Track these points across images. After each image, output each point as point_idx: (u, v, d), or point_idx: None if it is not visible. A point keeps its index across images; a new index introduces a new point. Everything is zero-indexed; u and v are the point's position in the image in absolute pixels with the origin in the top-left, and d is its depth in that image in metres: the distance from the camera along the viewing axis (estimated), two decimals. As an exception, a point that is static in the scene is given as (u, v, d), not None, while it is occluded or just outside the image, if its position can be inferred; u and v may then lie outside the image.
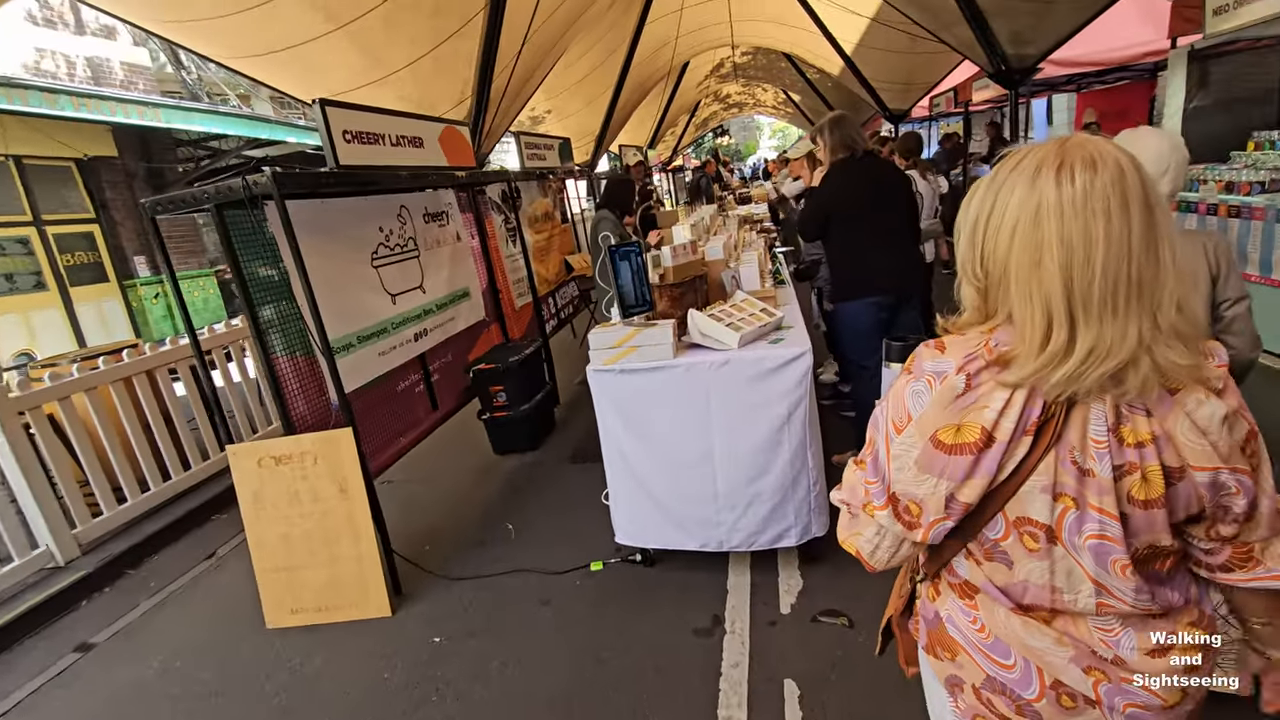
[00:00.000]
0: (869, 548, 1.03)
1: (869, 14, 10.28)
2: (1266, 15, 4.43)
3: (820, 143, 3.25)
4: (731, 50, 14.63)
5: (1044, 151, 0.87)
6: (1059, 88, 10.16)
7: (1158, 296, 0.83)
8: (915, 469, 0.94)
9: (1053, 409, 0.88)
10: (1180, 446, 0.85)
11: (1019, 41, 7.08)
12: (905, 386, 0.98)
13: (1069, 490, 0.89)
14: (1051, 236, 0.83)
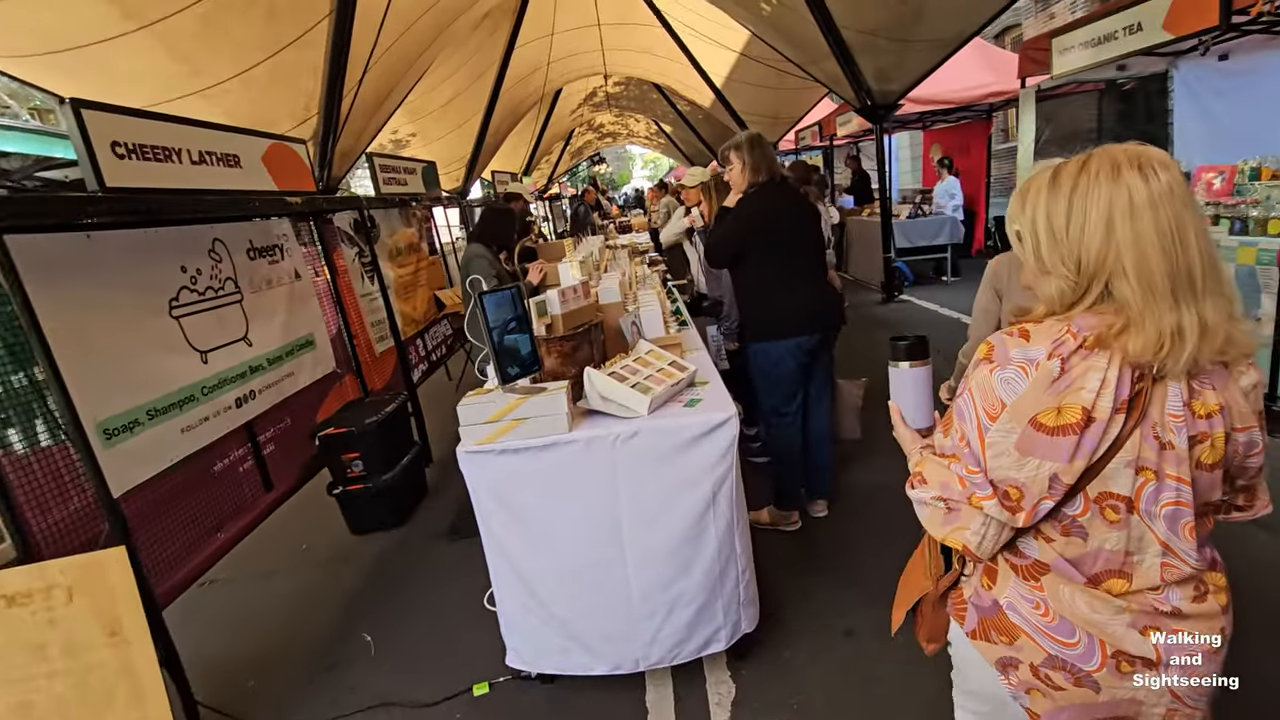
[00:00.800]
0: (976, 539, 1.04)
1: (738, 48, 10.37)
2: (1102, 59, 4.65)
3: (735, 162, 2.85)
4: (604, 79, 14.44)
5: (1111, 155, 0.94)
6: (908, 125, 10.73)
7: (1225, 280, 0.92)
8: (1016, 454, 0.97)
9: (1139, 386, 0.94)
10: (1235, 412, 0.96)
11: (883, 78, 7.26)
12: (993, 375, 1.00)
13: (1150, 464, 0.95)
14: (1148, 226, 0.89)
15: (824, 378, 3.05)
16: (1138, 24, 4.20)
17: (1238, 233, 3.84)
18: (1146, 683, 1.00)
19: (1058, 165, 0.99)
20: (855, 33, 6.61)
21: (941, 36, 6.47)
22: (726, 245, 2.88)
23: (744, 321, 2.98)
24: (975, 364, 1.04)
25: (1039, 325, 1.00)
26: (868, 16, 6.39)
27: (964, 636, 1.14)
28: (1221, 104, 5.66)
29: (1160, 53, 5.67)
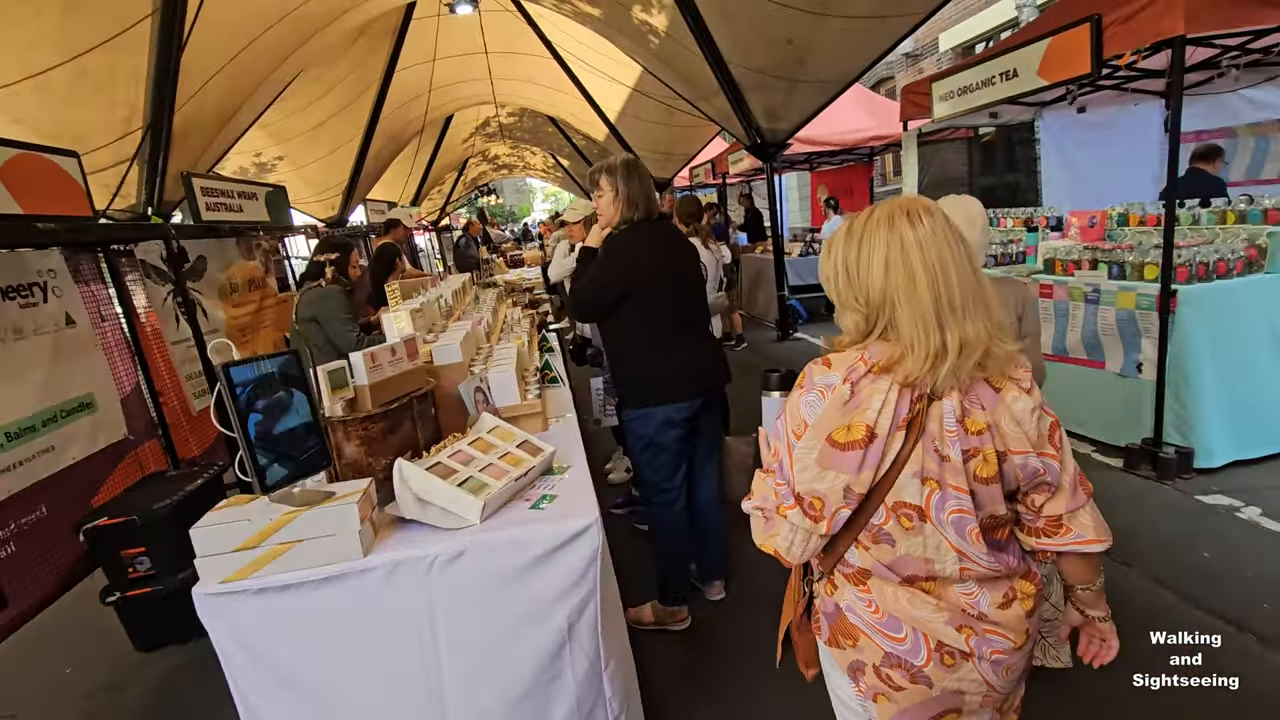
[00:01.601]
0: (785, 544, 1.11)
1: (630, 83, 10.16)
2: (980, 104, 4.63)
3: (606, 189, 2.35)
4: (496, 109, 13.90)
5: (888, 207, 1.08)
6: (796, 166, 10.88)
7: (988, 303, 1.05)
8: (817, 467, 1.06)
9: (917, 406, 1.04)
10: (1004, 434, 1.06)
11: (772, 117, 7.18)
12: (800, 398, 1.11)
13: (933, 474, 1.05)
14: (917, 264, 1.03)
15: (711, 441, 2.60)
16: (1013, 70, 4.19)
17: (1116, 277, 3.81)
18: (965, 673, 1.09)
19: (853, 217, 1.12)
20: (744, 70, 6.47)
21: (826, 78, 6.45)
22: (595, 294, 2.35)
23: (616, 384, 2.49)
24: (794, 389, 1.14)
25: (841, 354, 1.10)
26: (756, 55, 6.27)
27: (826, 649, 1.22)
28: (1083, 154, 5.89)
29: (1027, 102, 5.84)
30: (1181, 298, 3.41)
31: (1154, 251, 3.66)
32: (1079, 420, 4.15)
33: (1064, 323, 4.11)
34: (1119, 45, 3.52)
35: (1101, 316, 3.84)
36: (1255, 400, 3.55)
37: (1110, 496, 3.45)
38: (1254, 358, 3.52)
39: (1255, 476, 3.44)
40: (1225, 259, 3.47)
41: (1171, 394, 3.53)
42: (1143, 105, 5.83)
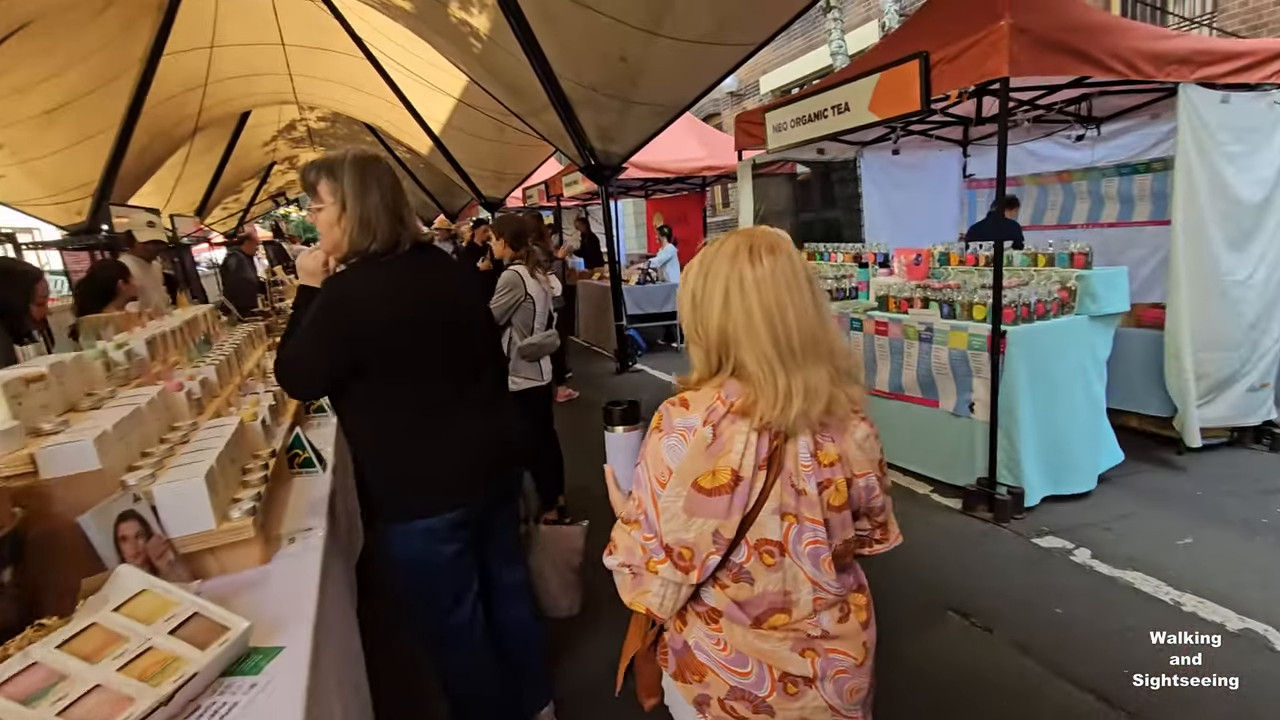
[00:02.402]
0: (658, 601, 1.07)
1: (456, 94, 9.31)
2: (812, 137, 4.51)
3: (326, 198, 1.56)
4: (301, 110, 12.26)
5: (737, 239, 1.04)
6: (631, 192, 10.66)
7: (833, 348, 1.04)
8: (684, 516, 1.02)
9: (775, 444, 1.02)
10: (852, 460, 1.08)
11: (605, 138, 6.75)
12: (660, 443, 1.04)
13: (791, 509, 1.04)
14: (755, 305, 0.99)
15: (511, 544, 1.95)
16: (845, 104, 4.08)
17: (947, 316, 3.75)
18: (809, 700, 1.10)
19: (708, 245, 1.08)
20: (575, 85, 5.97)
21: (660, 102, 6.16)
22: (304, 364, 1.57)
23: (362, 485, 1.70)
24: (650, 432, 1.09)
25: (697, 393, 1.07)
26: (587, 70, 5.80)
27: (671, 682, 1.19)
28: (898, 194, 6.11)
29: (849, 140, 5.95)
30: (1010, 338, 3.37)
31: (981, 291, 3.64)
32: (917, 459, 4.05)
33: (899, 360, 4.01)
34: (946, 84, 3.45)
35: (935, 355, 3.75)
36: (1070, 438, 3.61)
37: (957, 543, 3.30)
38: (1069, 396, 3.59)
39: (1075, 513, 3.47)
40: (1043, 300, 3.50)
41: (1003, 433, 3.48)
42: (945, 152, 6.18)
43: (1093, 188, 5.23)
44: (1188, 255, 3.63)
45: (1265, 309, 3.92)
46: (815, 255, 5.54)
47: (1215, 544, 3.10)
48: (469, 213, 14.74)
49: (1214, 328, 3.80)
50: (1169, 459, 4.06)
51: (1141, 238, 4.89)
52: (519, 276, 3.30)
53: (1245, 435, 4.19)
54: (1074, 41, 3.22)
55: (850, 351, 1.07)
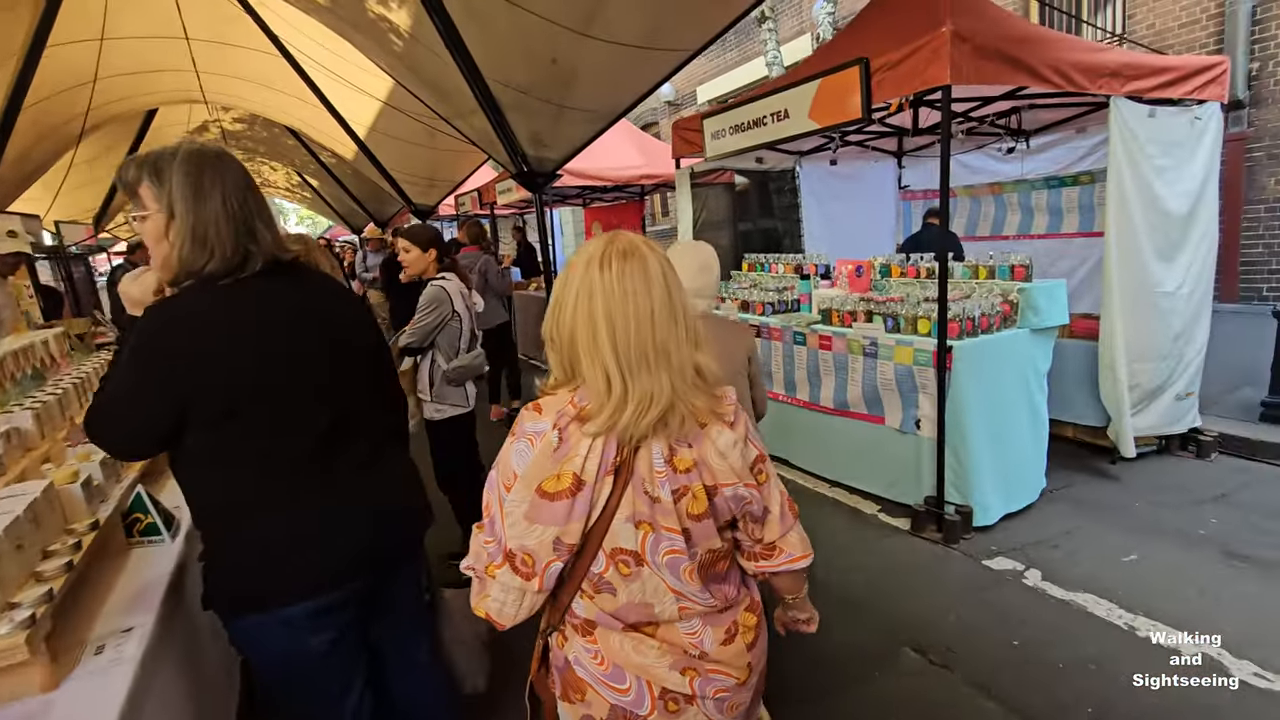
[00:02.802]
0: (496, 607, 1.04)
1: (382, 96, 8.80)
2: (751, 145, 4.35)
3: (153, 209, 1.21)
4: (213, 111, 11.42)
5: (596, 245, 1.02)
6: (570, 200, 10.35)
7: (680, 358, 1.00)
8: (525, 521, 0.99)
9: (625, 451, 1.00)
10: (712, 468, 1.03)
11: (538, 143, 6.42)
12: (510, 448, 1.02)
13: (645, 517, 1.01)
14: (599, 312, 0.97)
15: (411, 616, 1.62)
16: (784, 111, 3.92)
17: (892, 330, 3.62)
18: (689, 718, 1.07)
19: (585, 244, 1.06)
20: (504, 87, 5.63)
21: (594, 108, 5.89)
22: (119, 408, 1.22)
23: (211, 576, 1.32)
24: (508, 437, 1.05)
25: (553, 398, 1.04)
26: (516, 71, 5.48)
27: (561, 707, 1.15)
28: (837, 204, 6.04)
29: (788, 150, 5.84)
30: (956, 353, 3.25)
31: (925, 305, 3.52)
32: (864, 477, 3.90)
33: (844, 376, 3.85)
34: (887, 92, 3.32)
35: (880, 371, 3.61)
36: (1015, 453, 3.53)
37: (909, 569, 3.14)
38: (1014, 411, 3.51)
39: (1022, 531, 3.38)
40: (987, 314, 3.40)
41: (950, 451, 3.35)
42: (880, 163, 6.16)
43: (1023, 200, 5.28)
44: (1120, 267, 3.61)
45: (1190, 319, 3.97)
46: (756, 266, 5.38)
47: (1158, 560, 3.04)
48: (400, 221, 14.09)
49: (1145, 339, 3.81)
50: (1104, 469, 4.05)
51: (1070, 249, 4.94)
52: (445, 293, 2.95)
53: (1172, 443, 4.24)
54: (1013, 51, 3.14)
55: (706, 364, 1.04)
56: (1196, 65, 3.75)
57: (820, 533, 3.53)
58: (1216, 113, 3.86)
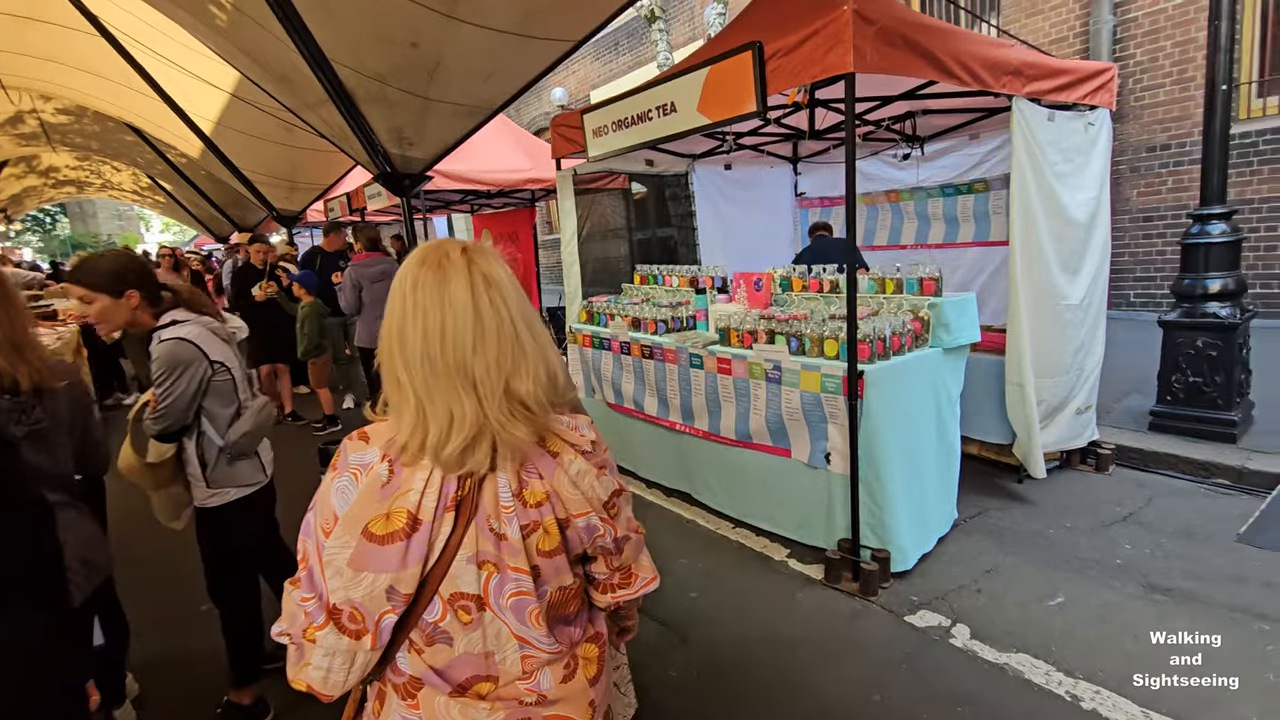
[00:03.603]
0: (320, 675, 0.88)
1: (227, 87, 7.62)
2: (636, 143, 3.81)
3: None
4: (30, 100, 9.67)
5: (415, 255, 0.93)
6: (454, 206, 9.47)
7: (490, 381, 0.87)
8: (351, 570, 0.86)
9: (468, 483, 0.89)
10: (565, 499, 0.95)
11: (402, 141, 5.58)
12: (330, 485, 0.90)
13: (490, 556, 0.90)
14: (399, 326, 0.88)
15: None
16: (671, 104, 3.41)
17: (796, 352, 3.16)
18: None
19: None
20: (356, 74, 4.80)
21: (466, 102, 5.17)
22: None
23: None
24: (328, 471, 0.93)
25: (383, 424, 0.93)
26: (369, 56, 4.66)
27: None
28: (732, 210, 5.62)
29: (680, 153, 5.36)
30: (867, 379, 2.83)
31: (831, 323, 3.08)
32: (770, 516, 3.43)
33: (746, 404, 3.37)
34: (783, 81, 2.86)
35: (785, 399, 3.14)
36: (930, 486, 3.16)
37: (826, 631, 2.65)
38: (928, 440, 3.14)
39: (941, 573, 3.00)
40: (898, 333, 3.01)
41: (864, 488, 2.93)
42: (776, 169, 5.82)
43: (919, 208, 5.06)
44: (1026, 279, 3.34)
45: (1089, 331, 3.80)
46: (648, 279, 4.84)
47: (1085, 602, 2.73)
48: (266, 229, 12.59)
49: (1051, 354, 3.58)
50: (1012, 489, 3.81)
51: (966, 259, 4.75)
52: (191, 347, 1.96)
53: (1073, 457, 4.07)
54: (920, 39, 2.75)
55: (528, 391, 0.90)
56: (1089, 70, 3.57)
57: (724, 586, 3.01)
58: (1107, 119, 3.71)
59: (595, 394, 4.57)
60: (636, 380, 4.10)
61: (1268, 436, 3.95)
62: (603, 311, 4.48)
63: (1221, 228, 3.91)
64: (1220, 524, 3.26)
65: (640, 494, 4.12)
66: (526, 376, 0.90)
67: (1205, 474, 3.81)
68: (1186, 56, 5.90)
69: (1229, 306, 3.90)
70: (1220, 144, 3.86)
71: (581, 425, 1.01)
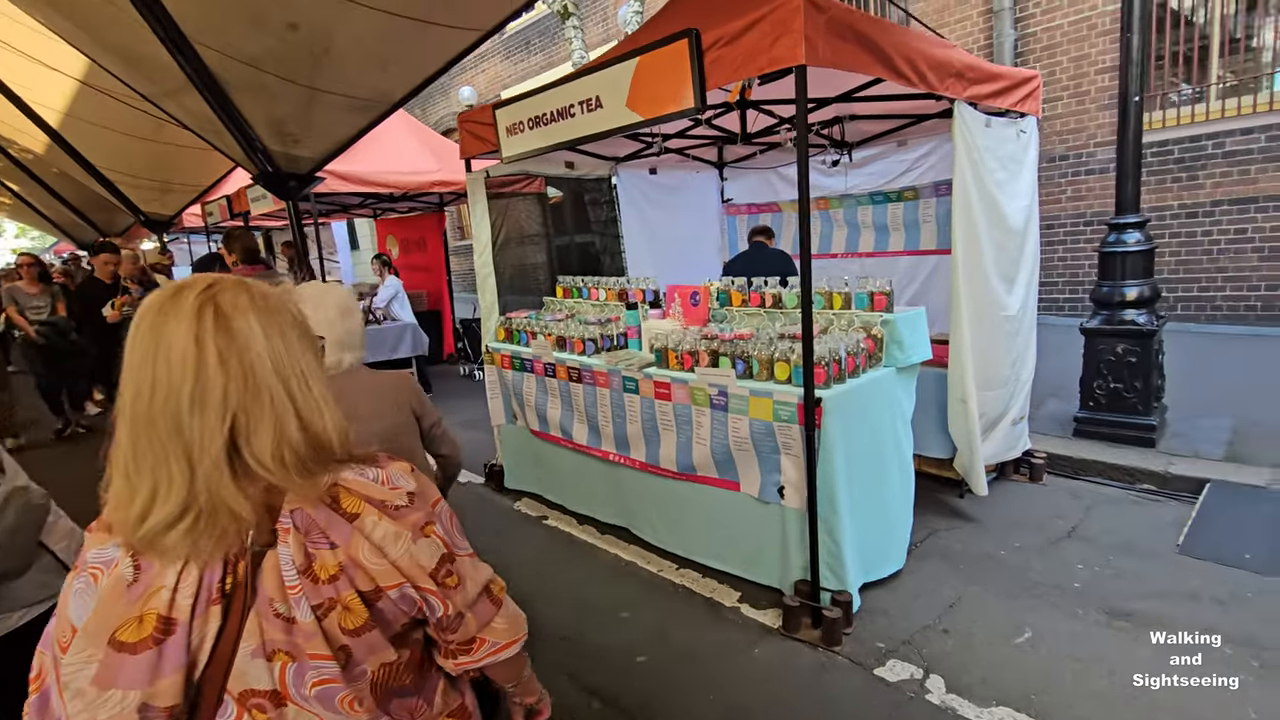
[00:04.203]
0: None
1: (76, 74, 6.51)
2: (557, 141, 3.37)
3: None
4: None
5: (152, 295, 0.79)
6: (354, 210, 8.61)
7: (201, 442, 0.73)
8: (95, 689, 0.71)
9: (239, 568, 0.77)
10: (369, 570, 0.80)
11: (285, 137, 4.85)
12: (69, 591, 0.76)
13: (281, 645, 0.78)
14: (125, 384, 0.75)
15: None
16: (596, 99, 3.00)
17: (744, 376, 2.82)
18: None
19: None
20: (223, 57, 4.06)
21: (360, 94, 4.53)
22: None
23: None
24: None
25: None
26: (238, 36, 3.95)
27: None
28: (657, 215, 5.27)
29: (602, 155, 4.96)
30: (826, 406, 2.52)
31: (780, 343, 2.77)
32: (717, 554, 3.07)
33: (688, 433, 3.00)
34: (724, 74, 2.51)
35: (733, 427, 2.80)
36: (888, 516, 2.91)
37: (790, 691, 2.32)
38: (885, 467, 2.88)
39: (903, 611, 2.74)
40: (853, 353, 2.73)
41: (822, 525, 2.62)
42: (703, 174, 5.53)
43: (849, 216, 4.90)
44: (968, 290, 3.17)
45: (1024, 342, 3.71)
46: (572, 291, 4.40)
47: (1051, 634, 2.54)
48: (135, 235, 11.13)
49: (991, 366, 3.44)
50: (955, 505, 3.66)
51: (898, 268, 4.62)
52: None
53: (1007, 467, 3.99)
54: (871, 34, 2.48)
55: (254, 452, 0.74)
56: (1020, 76, 3.47)
57: (674, 645, 2.63)
58: (1035, 127, 3.63)
59: (518, 420, 4.08)
60: (564, 405, 3.65)
61: (1180, 439, 4.01)
62: (523, 329, 4.00)
63: (1137, 236, 3.93)
64: (1158, 534, 3.21)
65: (571, 532, 3.67)
66: (266, 436, 0.75)
67: (1131, 480, 3.80)
68: (1081, 72, 6.10)
69: (1145, 314, 3.93)
70: (1134, 154, 3.88)
71: (396, 476, 0.86)
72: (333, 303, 1.64)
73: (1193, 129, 5.70)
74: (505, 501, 4.11)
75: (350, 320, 1.67)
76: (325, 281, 1.83)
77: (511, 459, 4.18)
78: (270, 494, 0.78)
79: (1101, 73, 6.00)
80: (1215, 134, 5.57)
